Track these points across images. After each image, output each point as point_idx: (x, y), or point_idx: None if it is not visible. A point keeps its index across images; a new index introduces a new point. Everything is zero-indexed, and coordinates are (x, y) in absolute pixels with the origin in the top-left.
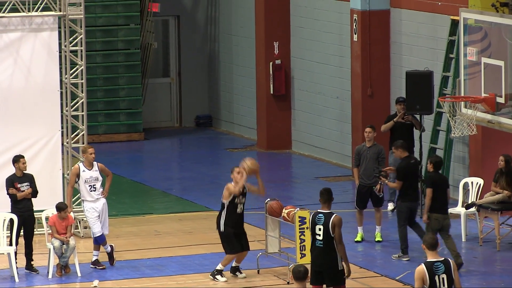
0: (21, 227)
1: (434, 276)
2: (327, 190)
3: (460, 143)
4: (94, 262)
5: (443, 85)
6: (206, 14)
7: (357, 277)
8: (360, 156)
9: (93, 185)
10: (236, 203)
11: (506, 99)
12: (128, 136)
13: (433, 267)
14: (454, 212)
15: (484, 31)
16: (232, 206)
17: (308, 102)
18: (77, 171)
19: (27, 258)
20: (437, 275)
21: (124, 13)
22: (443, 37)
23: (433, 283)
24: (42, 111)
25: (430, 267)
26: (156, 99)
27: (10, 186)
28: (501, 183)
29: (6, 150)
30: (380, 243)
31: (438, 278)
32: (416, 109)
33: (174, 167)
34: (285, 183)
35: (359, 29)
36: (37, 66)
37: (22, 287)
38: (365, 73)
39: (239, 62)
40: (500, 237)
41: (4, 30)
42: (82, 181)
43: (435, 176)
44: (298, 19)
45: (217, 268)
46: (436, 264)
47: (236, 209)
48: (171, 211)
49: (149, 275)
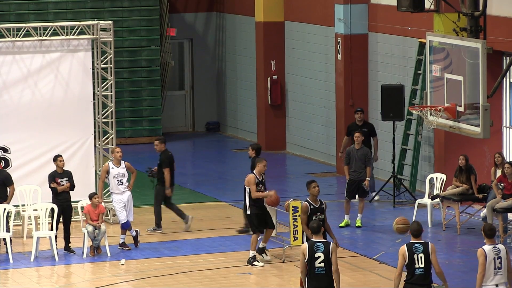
0: (60, 215)
1: (414, 254)
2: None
3: (427, 144)
4: (121, 244)
5: (412, 96)
6: (215, 38)
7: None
8: (349, 156)
9: (120, 180)
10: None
11: (465, 108)
12: (150, 139)
13: (413, 247)
14: (421, 202)
15: (446, 52)
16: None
17: (300, 111)
18: (107, 168)
19: (65, 241)
20: (416, 254)
21: (146, 37)
22: (412, 57)
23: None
24: (78, 118)
25: (411, 247)
26: (173, 108)
27: (51, 181)
28: (461, 178)
29: (48, 151)
30: (360, 228)
31: (416, 257)
32: (390, 117)
33: (188, 165)
34: (280, 178)
35: (342, 50)
36: (74, 81)
37: (61, 265)
38: (347, 87)
39: (242, 77)
40: (460, 223)
41: (47, 51)
42: (111, 177)
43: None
44: (291, 42)
45: (250, 256)
46: (416, 245)
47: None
48: (186, 201)
49: (167, 255)
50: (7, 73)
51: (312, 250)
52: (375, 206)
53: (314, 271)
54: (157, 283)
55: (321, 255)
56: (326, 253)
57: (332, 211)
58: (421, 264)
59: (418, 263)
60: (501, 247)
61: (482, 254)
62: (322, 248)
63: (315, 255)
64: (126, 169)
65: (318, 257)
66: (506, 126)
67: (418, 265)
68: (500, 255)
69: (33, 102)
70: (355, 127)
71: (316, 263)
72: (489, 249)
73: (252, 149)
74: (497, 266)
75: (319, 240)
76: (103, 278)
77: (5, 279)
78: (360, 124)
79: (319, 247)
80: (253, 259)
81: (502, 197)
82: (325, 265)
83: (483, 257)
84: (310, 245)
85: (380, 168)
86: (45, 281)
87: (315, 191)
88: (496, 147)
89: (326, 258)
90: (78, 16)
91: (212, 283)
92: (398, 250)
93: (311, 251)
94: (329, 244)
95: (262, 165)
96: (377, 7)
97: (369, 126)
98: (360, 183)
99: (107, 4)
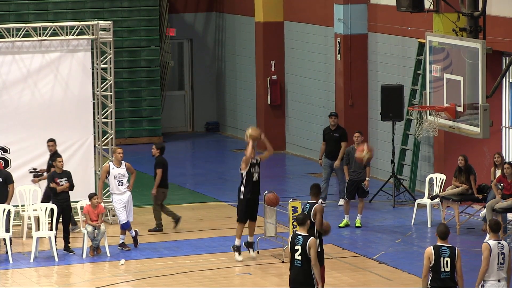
0: (60, 215)
1: (440, 257)
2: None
3: (426, 144)
4: (121, 245)
5: (412, 96)
6: (214, 38)
7: (340, 256)
8: (349, 156)
9: (121, 181)
10: (252, 173)
11: (465, 108)
12: (149, 139)
13: (440, 250)
14: (421, 202)
15: (446, 52)
16: (249, 175)
17: (299, 111)
18: (108, 168)
19: (65, 241)
20: (442, 257)
21: (146, 37)
22: (412, 57)
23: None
24: (78, 118)
25: (437, 249)
26: (173, 108)
27: (51, 181)
28: (460, 179)
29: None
30: (360, 228)
31: (442, 260)
32: (389, 117)
33: (188, 165)
34: (280, 178)
35: (341, 50)
36: (73, 81)
37: (61, 265)
38: (347, 87)
39: (241, 78)
40: (460, 223)
41: (46, 51)
42: (112, 177)
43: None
44: (291, 42)
45: (235, 244)
46: (443, 248)
47: (252, 177)
48: (185, 201)
49: (167, 255)
50: (7, 73)
51: (293, 242)
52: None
53: (293, 263)
54: (156, 283)
55: (299, 248)
56: (304, 247)
57: (332, 211)
58: (447, 268)
59: (444, 266)
60: (504, 244)
61: (487, 248)
62: (301, 241)
63: (295, 247)
64: (126, 170)
65: (297, 249)
66: (506, 126)
67: (444, 269)
68: (503, 251)
69: (32, 102)
70: (328, 132)
71: (295, 255)
72: (494, 244)
73: (157, 148)
74: (500, 261)
75: (301, 233)
76: (103, 278)
77: (5, 279)
78: (333, 129)
79: (299, 240)
80: (237, 249)
81: (501, 197)
82: (302, 258)
83: (487, 251)
84: (292, 237)
85: (379, 168)
86: (45, 281)
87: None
88: (495, 147)
89: (303, 252)
90: (78, 16)
91: (212, 283)
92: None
93: (292, 243)
94: (308, 238)
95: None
96: (377, 7)
97: (341, 131)
98: (360, 183)
99: (106, 4)
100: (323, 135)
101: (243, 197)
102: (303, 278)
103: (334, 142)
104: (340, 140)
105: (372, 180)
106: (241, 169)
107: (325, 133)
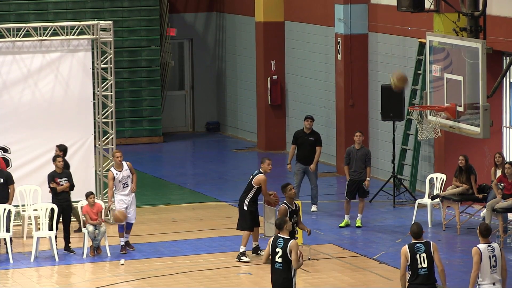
0: (60, 215)
1: (416, 254)
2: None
3: (427, 144)
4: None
5: (412, 96)
6: (215, 38)
7: (341, 256)
8: (350, 156)
9: (126, 183)
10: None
11: (465, 108)
12: (150, 139)
13: (414, 247)
14: (421, 202)
15: (446, 51)
16: (258, 190)
17: (300, 111)
18: (112, 176)
19: (65, 241)
20: (418, 254)
21: (146, 37)
22: (412, 57)
23: (414, 261)
24: (78, 118)
25: (412, 247)
26: (173, 108)
27: (51, 181)
28: (460, 178)
29: (48, 151)
30: (360, 228)
31: (419, 257)
32: (390, 117)
33: (188, 165)
34: (280, 178)
35: (342, 50)
36: (74, 81)
37: (61, 265)
38: (347, 87)
39: (242, 77)
40: (460, 223)
41: (47, 51)
42: (117, 182)
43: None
44: (292, 42)
45: (240, 251)
46: (418, 245)
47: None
48: (186, 201)
49: (167, 255)
50: (7, 73)
51: (274, 244)
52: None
53: (274, 265)
54: (157, 283)
55: (280, 250)
56: (284, 250)
57: (332, 211)
58: (424, 264)
59: (421, 263)
60: (495, 245)
61: (477, 253)
62: (282, 243)
63: (276, 249)
64: (129, 170)
65: (277, 252)
66: (506, 126)
67: (421, 265)
68: (494, 253)
69: (33, 102)
70: (302, 135)
71: (276, 257)
72: (484, 247)
73: (60, 150)
74: (492, 264)
75: (281, 235)
76: (103, 278)
77: (5, 279)
78: (308, 132)
79: (279, 243)
80: (242, 254)
81: (502, 197)
82: (283, 261)
83: (478, 256)
84: (273, 240)
85: (380, 168)
86: (45, 281)
87: (291, 193)
88: (496, 147)
89: (284, 254)
90: (78, 16)
91: (212, 283)
92: (400, 250)
93: (273, 245)
94: (289, 241)
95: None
96: (377, 7)
97: (316, 135)
98: (360, 183)
99: (107, 4)
100: (295, 138)
101: (247, 208)
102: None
103: (308, 146)
104: (315, 144)
105: (373, 180)
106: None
107: (299, 136)
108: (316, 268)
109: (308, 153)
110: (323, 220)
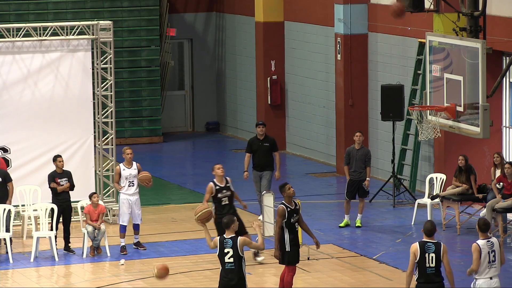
0: (60, 215)
1: (425, 253)
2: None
3: (427, 144)
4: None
5: (412, 96)
6: (214, 38)
7: (340, 256)
8: (349, 156)
9: (132, 181)
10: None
11: (465, 108)
12: (150, 139)
13: (425, 245)
14: (421, 202)
15: (446, 51)
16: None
17: (300, 111)
18: (119, 170)
19: (65, 241)
20: (427, 253)
21: (146, 37)
22: (412, 56)
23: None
24: (78, 118)
25: (423, 245)
26: (173, 108)
27: (51, 181)
28: (460, 178)
29: (48, 151)
30: (360, 228)
31: (428, 256)
32: (389, 117)
33: (188, 165)
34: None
35: (342, 50)
36: (74, 81)
37: (61, 265)
38: (347, 87)
39: (242, 77)
40: (460, 223)
41: (47, 51)
42: (123, 178)
43: None
44: (291, 42)
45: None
46: (429, 244)
47: (219, 201)
48: (185, 201)
49: (167, 254)
50: (7, 73)
51: (221, 246)
52: (375, 206)
53: (225, 266)
54: (157, 283)
55: (230, 250)
56: (235, 249)
57: (332, 211)
58: (432, 263)
59: (429, 262)
60: (494, 240)
61: (477, 249)
62: (230, 243)
63: (224, 251)
64: (138, 171)
65: (227, 252)
66: (506, 126)
67: (429, 264)
68: (493, 248)
69: (33, 102)
70: (256, 142)
71: (225, 259)
72: (483, 243)
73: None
74: (491, 259)
75: (228, 236)
76: (103, 278)
77: (5, 279)
78: (261, 138)
79: (227, 243)
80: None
81: (501, 197)
82: (234, 260)
83: (477, 252)
84: (220, 242)
85: (380, 168)
86: (45, 281)
87: (291, 192)
88: (495, 147)
89: (235, 253)
90: (78, 16)
91: (212, 283)
92: (400, 250)
93: (221, 248)
94: (237, 238)
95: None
96: (377, 7)
97: (270, 141)
98: (360, 183)
99: (107, 4)
100: (249, 145)
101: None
102: (239, 281)
103: (264, 152)
104: (272, 149)
105: (373, 180)
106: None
107: (253, 143)
108: (315, 268)
109: (263, 160)
110: (323, 220)
